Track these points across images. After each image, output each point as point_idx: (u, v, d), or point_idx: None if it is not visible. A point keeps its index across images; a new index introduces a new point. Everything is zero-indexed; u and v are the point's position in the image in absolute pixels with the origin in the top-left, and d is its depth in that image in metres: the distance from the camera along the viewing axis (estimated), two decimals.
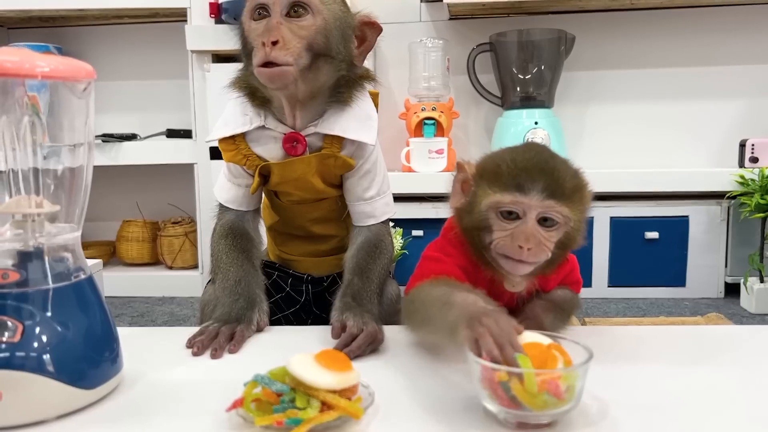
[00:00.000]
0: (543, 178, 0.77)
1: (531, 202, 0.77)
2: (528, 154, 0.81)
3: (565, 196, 0.77)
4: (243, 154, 0.97)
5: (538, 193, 0.77)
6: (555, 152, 0.83)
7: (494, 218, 0.79)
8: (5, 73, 0.64)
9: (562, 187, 0.77)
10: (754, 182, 2.01)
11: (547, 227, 0.78)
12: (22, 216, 0.70)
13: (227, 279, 0.96)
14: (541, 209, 0.77)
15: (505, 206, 0.78)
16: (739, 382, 0.71)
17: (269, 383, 0.62)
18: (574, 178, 0.80)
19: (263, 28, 0.88)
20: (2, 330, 0.64)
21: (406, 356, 0.80)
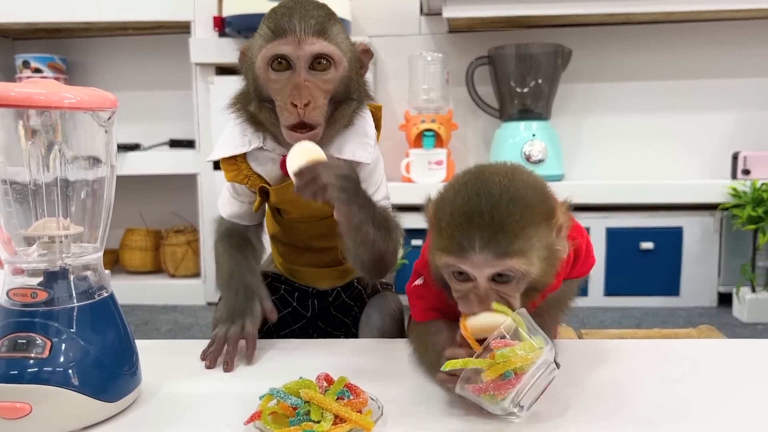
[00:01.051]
0: (484, 234, 0.68)
1: (475, 263, 0.68)
2: (468, 203, 0.70)
3: (514, 248, 0.68)
4: (244, 174, 0.98)
5: (481, 252, 0.68)
6: (507, 185, 0.71)
7: (449, 277, 0.73)
8: (35, 105, 0.67)
9: (509, 239, 0.68)
10: (746, 194, 2.06)
11: (503, 282, 0.70)
12: (48, 237, 0.73)
13: (223, 275, 0.98)
14: (489, 269, 0.69)
15: (453, 268, 0.71)
16: (728, 397, 0.73)
17: (284, 397, 0.65)
18: (526, 219, 0.69)
19: (288, 83, 0.87)
20: (32, 346, 0.67)
21: (413, 369, 0.83)
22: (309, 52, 0.87)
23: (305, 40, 0.86)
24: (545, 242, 0.71)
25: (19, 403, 0.64)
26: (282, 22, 0.87)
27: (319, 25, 0.88)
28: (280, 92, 0.88)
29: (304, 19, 0.87)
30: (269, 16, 0.91)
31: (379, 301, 1.06)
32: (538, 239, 0.70)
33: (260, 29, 0.91)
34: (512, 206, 0.69)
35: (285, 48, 0.86)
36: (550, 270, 0.73)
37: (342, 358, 0.88)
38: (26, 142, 0.70)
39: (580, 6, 2.15)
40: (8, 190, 0.71)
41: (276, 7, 0.91)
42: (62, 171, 0.72)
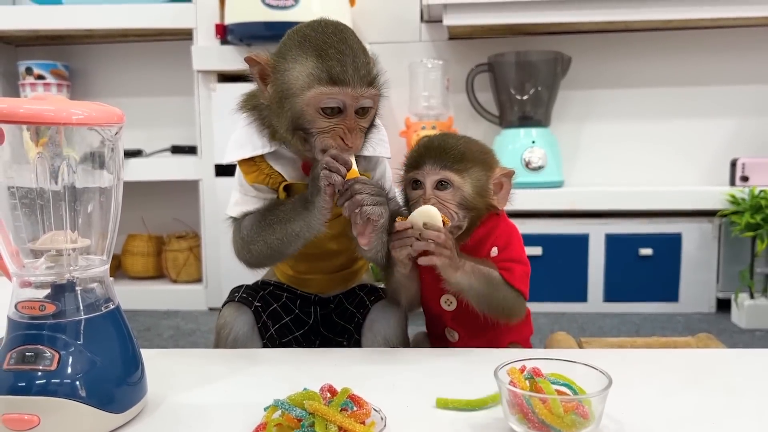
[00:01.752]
0: (435, 153, 0.97)
1: (426, 172, 0.96)
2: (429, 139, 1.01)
3: (454, 166, 0.96)
4: (265, 173, 1.00)
5: (430, 165, 0.96)
6: (461, 137, 1.02)
7: (407, 186, 1.01)
8: (44, 122, 0.69)
9: (450, 158, 0.96)
10: (745, 201, 2.07)
11: (443, 189, 0.96)
12: (56, 250, 0.74)
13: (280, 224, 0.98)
14: (434, 176, 0.96)
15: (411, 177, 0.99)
16: (727, 408, 0.74)
17: (289, 409, 0.66)
18: (467, 154, 0.97)
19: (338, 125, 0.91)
20: (40, 359, 0.68)
21: (416, 382, 0.83)
22: (362, 104, 0.92)
23: (359, 92, 0.90)
24: (478, 180, 0.98)
25: (28, 415, 0.65)
26: (337, 72, 0.89)
27: (369, 75, 0.92)
28: (327, 131, 0.92)
29: (357, 69, 0.90)
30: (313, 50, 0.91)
31: (382, 307, 1.07)
32: (473, 172, 0.97)
33: (303, 61, 0.91)
34: (458, 143, 0.99)
35: (342, 98, 0.90)
36: (479, 202, 0.98)
37: (345, 368, 0.89)
38: (34, 157, 0.71)
39: (579, 14, 2.16)
40: (17, 204, 0.72)
41: (318, 40, 0.92)
42: (70, 184, 0.73)
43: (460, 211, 0.96)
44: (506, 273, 0.97)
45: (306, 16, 2.04)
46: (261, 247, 0.99)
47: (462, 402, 0.74)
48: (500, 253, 1.00)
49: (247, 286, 1.12)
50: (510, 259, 1.00)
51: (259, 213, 1.01)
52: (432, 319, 1.09)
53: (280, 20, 2.08)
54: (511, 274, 0.97)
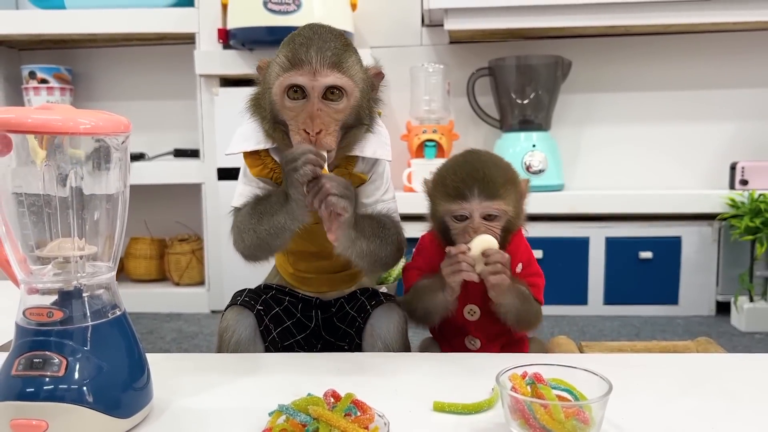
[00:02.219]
0: (479, 185, 0.96)
1: (473, 206, 0.97)
2: (465, 165, 1.00)
3: (501, 194, 0.97)
4: (269, 167, 1.02)
5: (478, 197, 0.96)
6: (489, 156, 1.03)
7: (450, 220, 1.00)
8: (53, 131, 0.69)
9: (497, 188, 0.97)
10: (744, 205, 2.07)
11: (490, 219, 0.98)
12: (63, 258, 0.75)
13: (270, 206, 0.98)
14: (482, 210, 0.97)
15: (455, 213, 0.98)
16: (726, 413, 0.75)
17: (294, 414, 0.67)
18: (505, 176, 0.99)
19: (302, 111, 0.91)
20: (48, 365, 0.69)
21: (419, 386, 0.84)
22: (323, 84, 0.91)
23: (320, 72, 0.91)
24: (514, 194, 1.00)
25: (36, 420, 0.66)
26: (299, 53, 0.91)
27: (335, 57, 0.92)
28: (294, 119, 0.92)
29: (320, 51, 0.91)
30: (287, 43, 0.95)
31: (383, 312, 1.08)
32: (513, 191, 0.99)
33: (278, 55, 0.95)
34: (497, 171, 0.99)
35: (300, 78, 0.91)
36: (516, 219, 1.01)
37: (347, 373, 0.90)
38: (41, 164, 0.72)
39: (579, 18, 2.17)
40: (25, 212, 0.73)
41: (295, 34, 0.96)
42: (77, 192, 0.74)
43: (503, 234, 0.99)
44: (534, 289, 1.03)
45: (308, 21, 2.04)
46: (252, 237, 0.99)
47: (458, 406, 0.75)
48: (524, 268, 1.04)
49: (250, 290, 1.13)
50: (533, 274, 1.05)
51: (252, 203, 1.01)
52: (450, 327, 1.09)
53: (282, 25, 2.10)
54: (537, 289, 1.04)
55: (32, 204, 0.72)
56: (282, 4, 2.10)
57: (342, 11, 2.23)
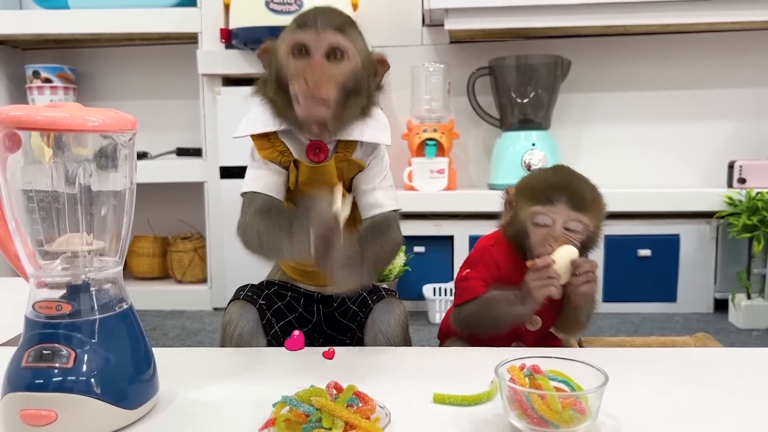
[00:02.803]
0: (568, 192, 0.97)
1: (558, 212, 0.97)
2: (555, 174, 1.03)
3: (588, 207, 0.98)
4: (279, 150, 1.04)
5: (564, 205, 0.97)
6: (577, 172, 1.04)
7: (530, 225, 1.00)
8: (61, 128, 0.71)
9: (585, 200, 0.98)
10: (742, 203, 2.09)
11: (572, 230, 0.97)
12: (71, 252, 0.77)
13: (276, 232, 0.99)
14: (566, 218, 0.97)
15: (539, 218, 0.98)
16: (719, 405, 0.76)
17: (297, 405, 0.69)
18: (595, 192, 1.01)
19: (305, 65, 0.96)
20: (57, 357, 0.70)
21: (419, 379, 0.85)
22: (326, 42, 0.96)
23: (324, 32, 0.96)
24: (597, 213, 1.00)
25: (45, 411, 0.67)
26: (306, 17, 0.98)
27: (338, 24, 0.98)
28: (296, 73, 0.96)
29: (325, 15, 0.98)
30: (297, 16, 1.01)
31: (384, 307, 1.09)
32: (596, 210, 1.00)
33: (288, 27, 1.00)
34: (585, 182, 1.02)
35: (305, 36, 0.96)
36: (594, 238, 1.01)
37: (349, 366, 0.91)
38: (49, 160, 0.74)
39: (579, 18, 2.18)
40: (34, 208, 0.75)
41: (308, 11, 1.01)
42: (86, 188, 0.75)
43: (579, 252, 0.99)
44: None
45: None
46: (254, 236, 1.02)
47: (458, 398, 0.77)
48: None
49: (252, 285, 1.15)
50: None
51: (268, 205, 1.03)
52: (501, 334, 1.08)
53: (284, 25, 2.07)
54: None
55: (41, 200, 0.74)
56: (284, 4, 2.11)
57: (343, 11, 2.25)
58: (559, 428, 0.66)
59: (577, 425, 0.67)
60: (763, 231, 2.02)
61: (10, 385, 0.69)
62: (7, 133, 0.71)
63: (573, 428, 0.66)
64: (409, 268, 2.27)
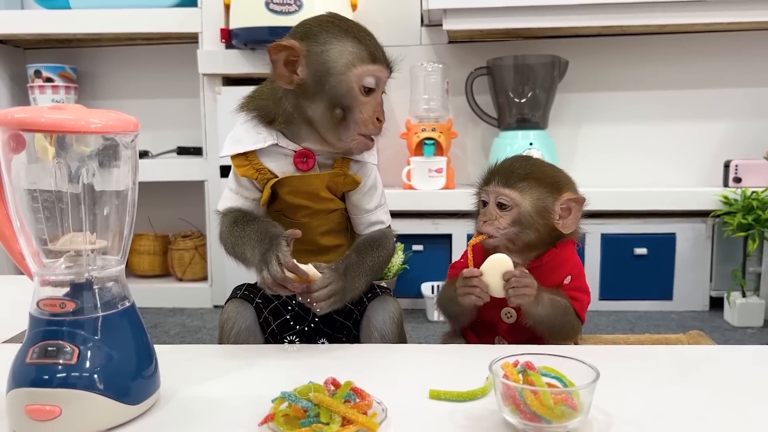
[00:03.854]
0: (501, 174, 1.02)
1: (489, 190, 1.02)
2: (500, 161, 1.07)
3: (514, 185, 1.01)
4: (255, 168, 1.05)
5: (495, 184, 1.02)
6: (532, 159, 1.07)
7: (479, 205, 1.07)
8: (64, 130, 0.72)
9: (514, 179, 1.01)
10: (737, 202, 2.10)
11: (504, 209, 1.02)
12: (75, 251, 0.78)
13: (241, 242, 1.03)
14: (494, 195, 1.02)
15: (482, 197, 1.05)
16: (709, 401, 0.77)
17: (296, 400, 0.70)
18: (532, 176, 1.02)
19: (374, 102, 0.99)
20: (61, 353, 0.71)
21: (415, 376, 0.87)
22: (387, 78, 1.01)
23: (388, 71, 1.01)
24: (543, 201, 1.01)
25: (50, 406, 0.68)
26: (375, 52, 0.99)
27: (390, 55, 1.02)
28: (365, 108, 0.99)
29: (384, 52, 1.01)
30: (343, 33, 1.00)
31: (379, 304, 1.10)
32: (537, 194, 1.01)
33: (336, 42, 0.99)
34: (525, 165, 1.03)
35: (380, 75, 0.99)
36: (537, 222, 1.01)
37: (347, 363, 0.92)
38: (54, 162, 0.75)
39: (576, 19, 2.20)
40: (39, 208, 0.76)
41: (344, 25, 1.01)
42: (89, 188, 0.76)
43: (512, 227, 1.01)
44: (576, 303, 1.04)
45: None
46: (227, 247, 1.08)
47: (453, 394, 0.78)
48: (572, 281, 1.06)
49: (249, 284, 1.16)
50: (580, 289, 1.06)
51: (234, 220, 1.06)
52: (484, 325, 1.11)
53: (283, 25, 2.12)
54: (580, 304, 1.04)
55: (45, 200, 0.75)
56: (284, 4, 2.13)
57: (342, 11, 2.24)
58: (551, 423, 0.67)
59: (569, 420, 0.68)
60: (758, 230, 2.03)
61: (15, 381, 0.70)
62: (11, 134, 0.72)
63: (565, 423, 0.68)
64: (407, 266, 2.28)
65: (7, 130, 0.71)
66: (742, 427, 0.70)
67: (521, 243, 1.02)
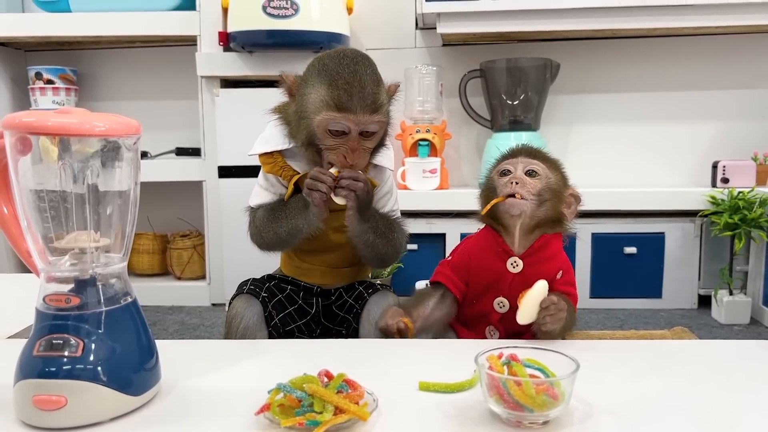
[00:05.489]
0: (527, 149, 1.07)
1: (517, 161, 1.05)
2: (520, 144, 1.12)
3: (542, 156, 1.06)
4: (279, 165, 1.13)
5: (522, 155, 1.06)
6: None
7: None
8: (69, 133, 0.74)
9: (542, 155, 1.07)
10: (724, 202, 2.12)
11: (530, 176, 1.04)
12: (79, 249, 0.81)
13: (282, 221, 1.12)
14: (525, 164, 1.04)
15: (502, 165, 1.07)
16: (686, 392, 0.80)
17: (291, 391, 0.72)
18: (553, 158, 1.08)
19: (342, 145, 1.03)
20: (66, 346, 0.74)
21: (406, 368, 0.89)
22: (362, 126, 1.02)
23: (363, 118, 1.01)
24: (559, 185, 1.05)
25: (56, 396, 0.71)
26: (343, 100, 1.00)
27: (374, 103, 1.01)
28: (333, 149, 1.04)
29: (361, 98, 1.00)
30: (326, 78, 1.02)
31: (378, 298, 1.14)
32: (558, 176, 1.06)
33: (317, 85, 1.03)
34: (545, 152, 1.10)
35: (345, 124, 1.01)
36: (554, 206, 1.04)
37: (341, 357, 0.95)
38: (59, 164, 0.78)
39: (567, 22, 2.23)
40: (45, 207, 0.79)
41: (333, 68, 1.03)
42: (93, 188, 0.79)
43: (536, 197, 1.02)
44: (572, 298, 1.07)
45: (306, 25, 2.11)
46: (272, 235, 1.13)
47: (442, 385, 0.81)
48: (563, 276, 1.09)
49: (254, 279, 1.20)
50: (571, 283, 1.10)
51: (271, 207, 1.14)
52: (475, 314, 1.13)
53: (280, 28, 2.14)
54: (574, 298, 1.08)
55: (51, 200, 0.77)
56: (280, 8, 2.15)
57: (338, 15, 2.28)
58: (533, 412, 0.70)
59: (550, 409, 0.70)
60: (744, 229, 2.06)
61: (22, 373, 0.73)
62: (19, 137, 0.74)
63: (546, 412, 0.71)
64: (402, 265, 2.30)
65: (14, 133, 0.74)
66: (720, 418, 0.73)
67: (537, 218, 1.04)
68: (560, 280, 1.08)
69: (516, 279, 1.05)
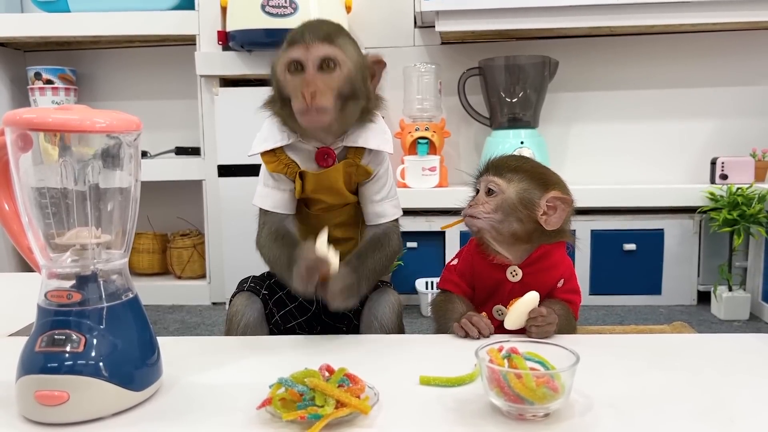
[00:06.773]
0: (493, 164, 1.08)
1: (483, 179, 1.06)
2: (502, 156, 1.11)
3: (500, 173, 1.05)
4: (284, 163, 1.11)
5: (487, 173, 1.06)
6: (530, 158, 1.13)
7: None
8: (70, 129, 0.75)
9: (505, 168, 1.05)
10: (723, 198, 2.13)
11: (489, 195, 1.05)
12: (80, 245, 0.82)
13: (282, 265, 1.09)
14: (486, 183, 1.05)
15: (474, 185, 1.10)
16: (684, 385, 0.80)
17: (292, 385, 0.72)
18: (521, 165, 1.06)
19: (300, 80, 1.02)
20: (68, 342, 0.74)
21: (407, 363, 0.89)
22: (316, 55, 1.02)
23: (313, 45, 1.02)
24: (528, 193, 1.03)
25: (58, 392, 0.71)
26: (296, 34, 1.04)
27: (326, 34, 1.03)
28: (294, 89, 1.02)
29: (313, 29, 1.04)
30: (289, 34, 1.07)
31: (379, 295, 1.14)
32: (524, 186, 1.04)
33: (283, 45, 1.06)
34: (517, 160, 1.08)
35: (296, 53, 1.02)
36: (522, 215, 1.03)
37: (342, 352, 0.95)
38: (60, 161, 0.78)
39: (566, 20, 2.23)
40: (47, 204, 0.79)
41: (302, 26, 1.07)
42: (94, 185, 0.79)
43: (495, 213, 1.04)
44: (572, 306, 1.08)
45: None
46: (265, 256, 1.13)
47: (443, 379, 0.81)
48: (565, 284, 1.09)
49: (254, 277, 1.20)
50: (573, 291, 1.10)
51: (277, 230, 1.12)
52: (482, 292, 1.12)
53: (279, 27, 2.15)
54: (574, 306, 1.08)
55: (52, 197, 0.77)
56: (279, 7, 2.15)
57: (337, 13, 2.29)
58: (534, 405, 0.70)
59: (551, 402, 0.71)
60: (743, 225, 2.07)
61: (24, 369, 0.73)
62: (19, 134, 0.75)
63: (546, 405, 0.71)
64: (402, 262, 2.31)
65: (15, 130, 0.74)
66: (719, 410, 0.73)
67: (506, 232, 1.04)
68: (561, 288, 1.08)
69: (515, 288, 1.05)
